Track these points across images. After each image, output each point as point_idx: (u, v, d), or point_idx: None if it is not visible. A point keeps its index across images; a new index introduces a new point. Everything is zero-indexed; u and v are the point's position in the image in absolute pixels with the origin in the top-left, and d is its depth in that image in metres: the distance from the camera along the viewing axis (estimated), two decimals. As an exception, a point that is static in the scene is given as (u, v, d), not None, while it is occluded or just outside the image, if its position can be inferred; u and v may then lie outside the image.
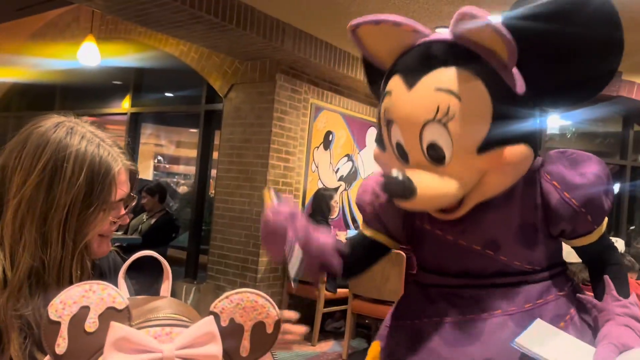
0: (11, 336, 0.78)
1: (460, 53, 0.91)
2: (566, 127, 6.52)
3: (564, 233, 1.02)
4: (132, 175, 0.95)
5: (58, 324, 0.51)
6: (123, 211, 0.94)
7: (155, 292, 0.75)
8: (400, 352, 1.00)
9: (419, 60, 0.93)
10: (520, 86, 0.93)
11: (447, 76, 0.89)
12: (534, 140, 0.95)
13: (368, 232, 1.12)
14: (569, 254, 3.27)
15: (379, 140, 1.04)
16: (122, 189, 0.91)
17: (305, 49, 4.22)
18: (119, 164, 0.90)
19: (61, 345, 0.51)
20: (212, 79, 4.78)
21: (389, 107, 0.96)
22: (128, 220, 0.99)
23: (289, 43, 4.07)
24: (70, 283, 0.82)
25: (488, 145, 0.89)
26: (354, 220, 5.26)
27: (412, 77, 0.92)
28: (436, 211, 0.98)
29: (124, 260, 1.07)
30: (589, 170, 0.98)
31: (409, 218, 1.08)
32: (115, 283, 1.08)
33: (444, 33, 0.96)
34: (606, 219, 1.03)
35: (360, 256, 1.13)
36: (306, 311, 4.11)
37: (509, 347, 0.87)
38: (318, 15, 3.81)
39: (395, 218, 1.08)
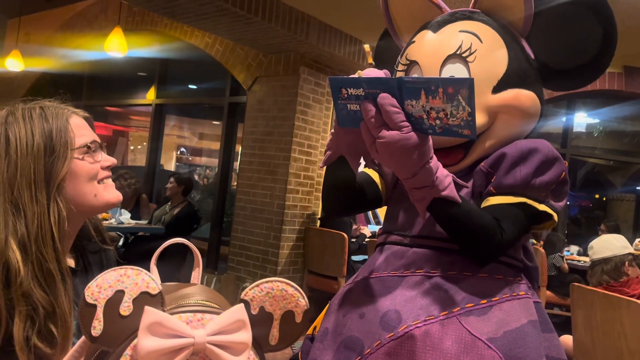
0: (15, 317, 0.79)
1: (482, 15, 1.03)
2: (593, 125, 6.39)
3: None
4: (88, 120, 1.01)
5: (94, 306, 0.52)
6: (102, 153, 0.98)
7: (177, 281, 0.77)
8: (334, 307, 1.04)
9: (444, 17, 1.04)
10: (530, 54, 1.02)
11: (471, 24, 1.00)
12: (542, 100, 1.01)
13: (367, 170, 1.12)
14: (595, 252, 3.18)
15: None
16: (83, 132, 0.96)
17: (330, 42, 4.21)
18: (66, 112, 0.96)
19: (97, 327, 0.52)
20: (236, 71, 4.80)
21: (412, 49, 1.04)
22: (115, 161, 1.02)
23: (314, 36, 4.07)
24: (53, 241, 0.85)
25: (503, 86, 0.96)
26: (374, 215, 5.25)
27: (438, 26, 1.03)
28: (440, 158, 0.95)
29: (119, 262, 1.10)
30: (517, 144, 0.96)
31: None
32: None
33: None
34: (534, 203, 0.92)
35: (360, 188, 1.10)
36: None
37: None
38: (343, 8, 3.79)
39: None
